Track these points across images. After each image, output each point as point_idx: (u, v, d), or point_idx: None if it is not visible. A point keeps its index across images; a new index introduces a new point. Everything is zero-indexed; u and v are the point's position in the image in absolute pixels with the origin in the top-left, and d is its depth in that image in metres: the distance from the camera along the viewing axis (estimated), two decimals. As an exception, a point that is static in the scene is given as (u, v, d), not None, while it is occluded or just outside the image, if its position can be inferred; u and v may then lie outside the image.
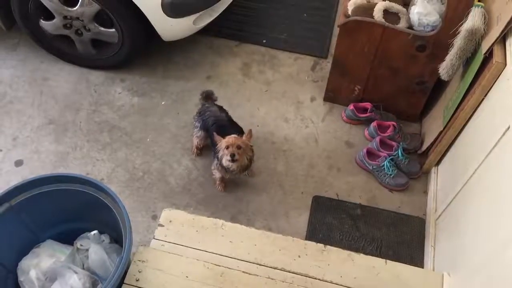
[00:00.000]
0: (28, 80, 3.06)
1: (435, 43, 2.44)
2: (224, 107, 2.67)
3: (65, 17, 2.79)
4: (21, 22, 2.88)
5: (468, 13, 2.20)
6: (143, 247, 2.04)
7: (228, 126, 2.50)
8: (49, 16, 2.82)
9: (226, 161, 2.37)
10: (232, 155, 2.32)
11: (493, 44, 2.10)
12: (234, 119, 2.65)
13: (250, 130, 2.41)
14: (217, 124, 2.52)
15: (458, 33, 2.23)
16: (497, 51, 2.08)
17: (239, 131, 2.52)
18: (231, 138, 2.36)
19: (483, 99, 2.21)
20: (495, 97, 2.12)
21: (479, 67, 2.20)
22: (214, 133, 2.41)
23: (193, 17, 2.79)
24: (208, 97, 2.71)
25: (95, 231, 2.07)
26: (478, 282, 1.82)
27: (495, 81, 2.11)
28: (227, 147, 2.34)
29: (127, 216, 1.87)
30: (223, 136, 2.38)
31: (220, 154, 2.41)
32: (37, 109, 2.94)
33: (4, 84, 3.04)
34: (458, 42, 2.23)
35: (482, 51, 2.17)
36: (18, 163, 2.72)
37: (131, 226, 1.84)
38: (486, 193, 1.97)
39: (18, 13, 2.82)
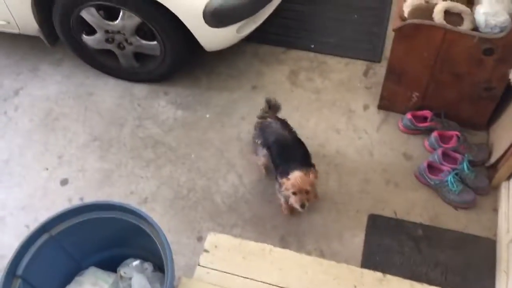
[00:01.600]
0: (73, 96, 3.03)
1: (505, 46, 2.18)
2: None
3: (106, 31, 2.73)
4: (63, 37, 2.85)
5: (545, 12, 1.93)
6: (186, 278, 1.92)
7: (291, 147, 2.31)
8: (91, 30, 2.77)
9: (295, 205, 2.20)
10: (303, 205, 2.17)
11: None
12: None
13: (316, 171, 2.24)
14: (278, 144, 2.33)
15: (534, 34, 1.97)
16: None
17: (304, 153, 2.34)
18: (297, 181, 2.15)
19: None
20: None
21: (560, 72, 1.94)
22: (279, 167, 2.25)
23: (236, 25, 2.65)
24: (273, 107, 2.52)
25: (137, 261, 1.98)
26: None
27: None
28: (294, 193, 2.16)
29: (168, 247, 1.76)
30: (285, 159, 2.25)
31: (284, 193, 2.24)
32: (82, 126, 2.90)
33: (50, 100, 3.02)
34: (533, 45, 1.97)
35: None
36: (64, 182, 2.68)
37: (172, 259, 1.72)
38: None
39: (60, 28, 2.78)
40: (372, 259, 2.34)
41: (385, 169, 2.61)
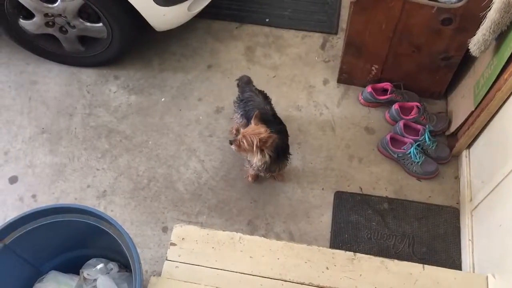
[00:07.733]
0: (15, 86, 2.81)
1: (463, 16, 2.15)
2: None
3: (46, 15, 2.51)
4: (-2, 23, 2.61)
5: (503, -19, 1.91)
6: (155, 278, 1.84)
7: (271, 121, 2.22)
8: (29, 14, 2.55)
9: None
10: (231, 142, 2.13)
11: (535, 16, 1.82)
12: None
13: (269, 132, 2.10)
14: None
15: (491, 4, 1.95)
16: (541, 25, 1.81)
17: (281, 129, 2.29)
18: (248, 129, 2.10)
19: (523, 79, 1.95)
20: (539, 76, 1.86)
21: (518, 42, 1.93)
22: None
23: (187, 2, 2.51)
24: (248, 82, 2.43)
25: (101, 264, 1.87)
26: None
27: (539, 59, 1.85)
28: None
29: (134, 249, 1.67)
30: None
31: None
32: (27, 117, 2.70)
33: (-12, 92, 2.79)
34: (491, 15, 1.95)
35: (521, 24, 1.90)
36: (13, 179, 2.50)
37: (140, 262, 1.63)
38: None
39: (-7, 13, 2.54)
40: (341, 236, 2.33)
41: (348, 144, 2.59)
